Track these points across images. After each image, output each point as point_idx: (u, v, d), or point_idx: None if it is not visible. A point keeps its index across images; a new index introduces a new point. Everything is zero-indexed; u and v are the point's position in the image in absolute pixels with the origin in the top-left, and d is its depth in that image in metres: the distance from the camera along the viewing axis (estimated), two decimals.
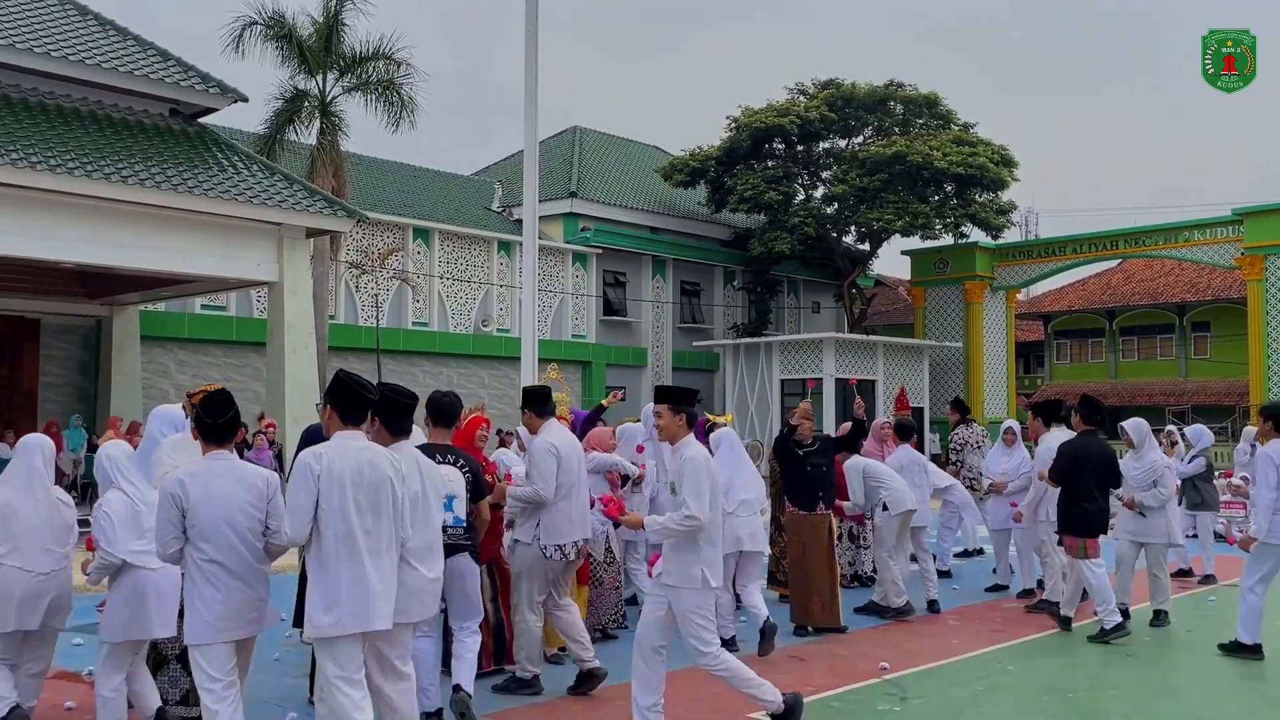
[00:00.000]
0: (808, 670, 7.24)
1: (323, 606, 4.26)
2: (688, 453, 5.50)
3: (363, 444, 4.45)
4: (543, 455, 6.37)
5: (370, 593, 4.27)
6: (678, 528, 5.34)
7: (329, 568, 4.28)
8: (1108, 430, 11.10)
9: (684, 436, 5.64)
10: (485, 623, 6.74)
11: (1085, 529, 8.43)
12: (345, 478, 4.29)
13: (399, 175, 30.68)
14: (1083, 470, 8.45)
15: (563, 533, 6.43)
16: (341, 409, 4.48)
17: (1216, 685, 7.10)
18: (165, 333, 22.42)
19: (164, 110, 17.22)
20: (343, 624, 4.25)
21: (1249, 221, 28.56)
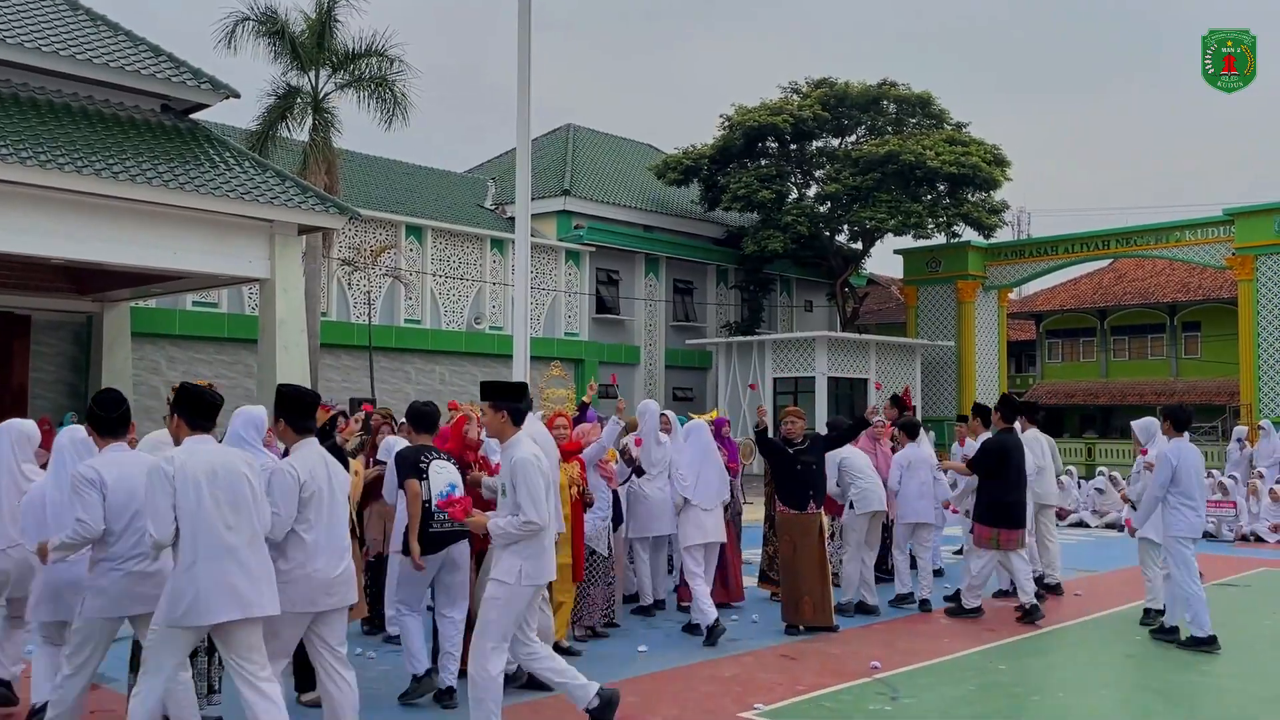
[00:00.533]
0: (798, 669, 7.23)
1: (190, 597, 4.46)
2: (517, 454, 5.27)
3: (214, 447, 4.71)
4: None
5: (239, 581, 4.51)
6: (517, 532, 5.23)
7: (194, 561, 4.48)
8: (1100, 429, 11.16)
9: (511, 435, 5.38)
10: None
11: (1003, 521, 8.93)
12: (200, 477, 4.52)
13: (392, 172, 30.62)
14: (1003, 465, 8.97)
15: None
16: (189, 417, 4.75)
17: (1208, 684, 7.11)
18: (157, 329, 22.36)
19: (155, 106, 17.14)
20: (211, 613, 4.46)
21: (1240, 222, 28.64)
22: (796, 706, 6.31)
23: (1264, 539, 15.25)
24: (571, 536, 7.23)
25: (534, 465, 5.27)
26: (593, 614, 8.11)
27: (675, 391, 33.31)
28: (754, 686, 6.73)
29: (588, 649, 7.68)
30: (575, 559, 7.28)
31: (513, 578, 5.29)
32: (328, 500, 4.95)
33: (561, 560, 7.16)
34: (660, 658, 7.50)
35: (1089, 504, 17.56)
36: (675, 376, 33.49)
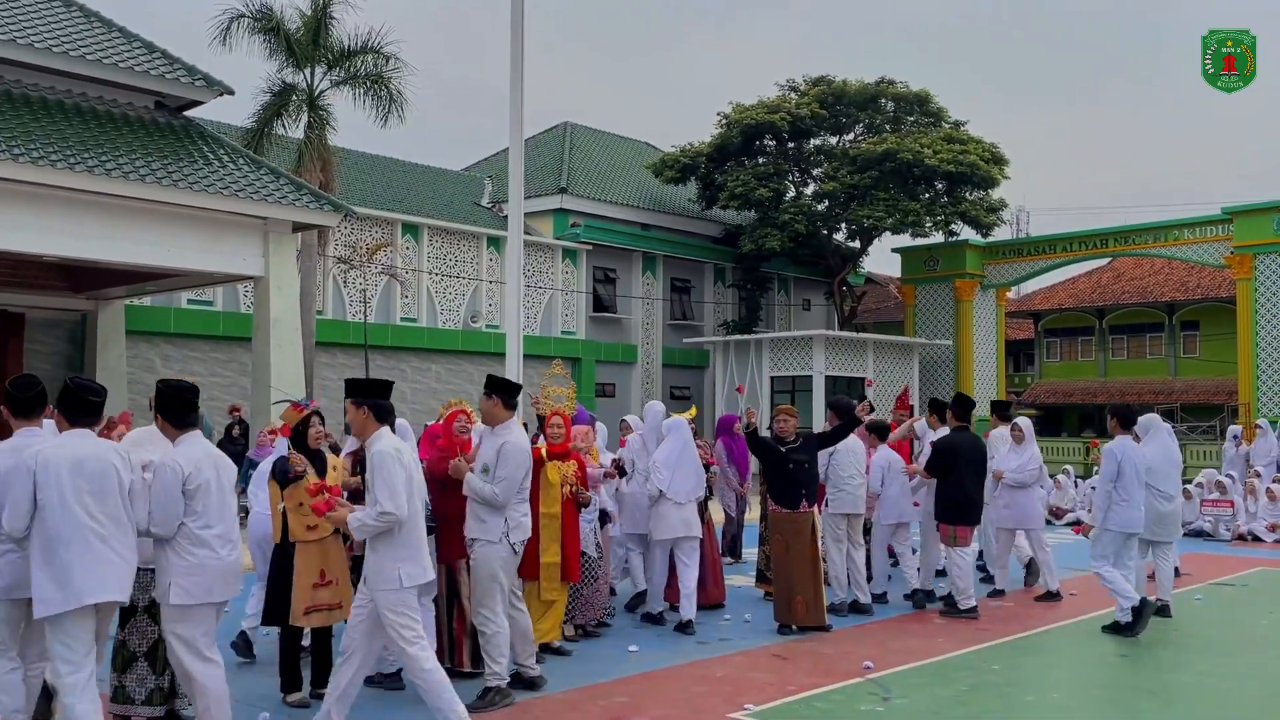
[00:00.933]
0: (790, 669, 7.18)
1: (53, 586, 4.58)
2: (376, 447, 5.36)
3: (86, 439, 4.85)
4: (516, 459, 6.26)
5: (102, 568, 4.66)
6: (374, 524, 5.25)
7: (58, 551, 4.62)
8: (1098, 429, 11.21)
9: (373, 431, 5.48)
10: (463, 619, 6.66)
11: (958, 518, 9.21)
12: (62, 469, 4.67)
13: (388, 170, 30.54)
14: (954, 464, 9.26)
15: (525, 528, 6.40)
16: (69, 413, 4.94)
17: (1203, 685, 7.06)
18: (151, 327, 22.27)
19: (149, 103, 17.07)
20: (79, 597, 4.59)
21: (1238, 221, 28.57)
22: (787, 707, 6.25)
23: (1261, 538, 15.20)
24: (563, 536, 7.17)
25: (393, 458, 5.31)
26: (584, 613, 8.05)
27: (673, 390, 33.24)
28: (745, 686, 6.68)
29: (579, 648, 7.63)
30: (568, 558, 7.21)
31: (395, 583, 5.31)
32: (215, 492, 5.06)
33: (550, 559, 7.12)
34: (651, 657, 7.45)
35: (1086, 503, 17.48)
36: (673, 375, 33.42)
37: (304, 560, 5.93)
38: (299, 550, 5.94)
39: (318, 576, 5.96)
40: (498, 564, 6.21)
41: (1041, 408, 40.28)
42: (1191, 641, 8.43)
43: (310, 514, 5.92)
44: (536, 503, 7.12)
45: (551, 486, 7.18)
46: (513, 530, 6.27)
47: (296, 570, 5.90)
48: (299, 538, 5.95)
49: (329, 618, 6.05)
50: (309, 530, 5.96)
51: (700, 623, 8.67)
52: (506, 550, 6.24)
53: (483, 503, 6.21)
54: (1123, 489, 8.48)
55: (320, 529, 5.99)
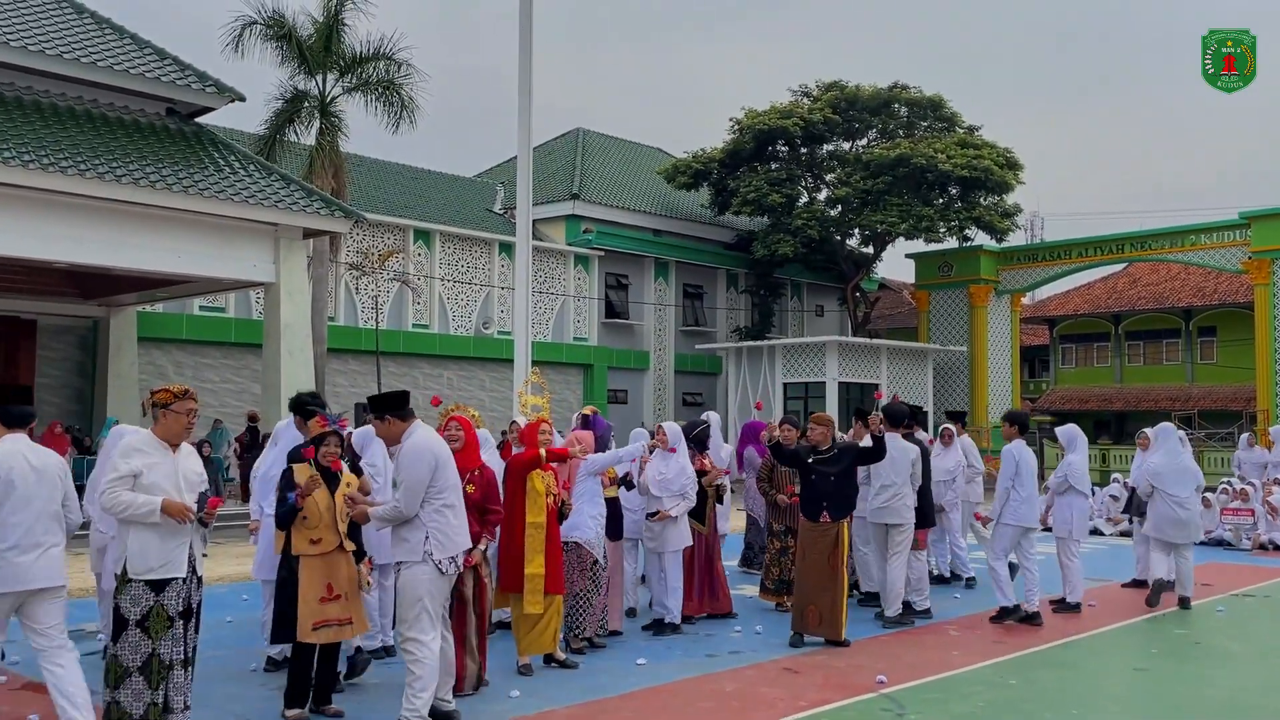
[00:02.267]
0: (801, 683, 7.03)
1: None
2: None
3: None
4: (414, 463, 5.68)
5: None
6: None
7: None
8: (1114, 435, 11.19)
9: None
10: None
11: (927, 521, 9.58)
12: None
13: (400, 176, 30.55)
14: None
15: (453, 543, 5.78)
16: None
17: (1225, 700, 6.88)
18: (163, 334, 22.30)
19: (160, 109, 17.10)
20: None
21: (1256, 225, 28.31)
22: None
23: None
24: (546, 547, 7.04)
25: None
26: (593, 624, 7.90)
27: (685, 397, 33.13)
28: (755, 701, 6.54)
29: (585, 661, 7.50)
30: (551, 570, 7.07)
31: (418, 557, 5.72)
32: (24, 491, 5.25)
33: (534, 570, 6.97)
34: (660, 670, 7.31)
35: (1103, 512, 17.28)
36: (685, 381, 33.32)
37: (308, 575, 5.82)
38: (303, 565, 5.83)
39: (324, 591, 5.84)
40: (423, 586, 5.69)
41: (1057, 414, 39.94)
42: (1213, 655, 8.24)
43: (314, 528, 5.82)
44: (522, 512, 7.00)
45: (538, 495, 7.04)
46: (435, 546, 5.69)
47: (301, 585, 5.79)
48: (302, 552, 5.84)
49: (338, 634, 5.92)
50: (312, 545, 5.85)
51: (710, 634, 8.54)
52: (431, 571, 5.70)
53: (396, 521, 5.76)
54: (1021, 487, 9.28)
55: (325, 543, 5.88)
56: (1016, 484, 9.31)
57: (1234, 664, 7.94)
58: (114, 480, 5.10)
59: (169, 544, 5.14)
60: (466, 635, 6.49)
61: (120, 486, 5.08)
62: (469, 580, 6.50)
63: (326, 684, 6.04)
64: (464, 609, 6.50)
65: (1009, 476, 9.34)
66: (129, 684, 5.00)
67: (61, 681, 5.17)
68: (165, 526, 5.09)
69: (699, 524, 9.15)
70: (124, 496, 5.06)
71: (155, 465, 5.16)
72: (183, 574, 5.18)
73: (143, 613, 5.06)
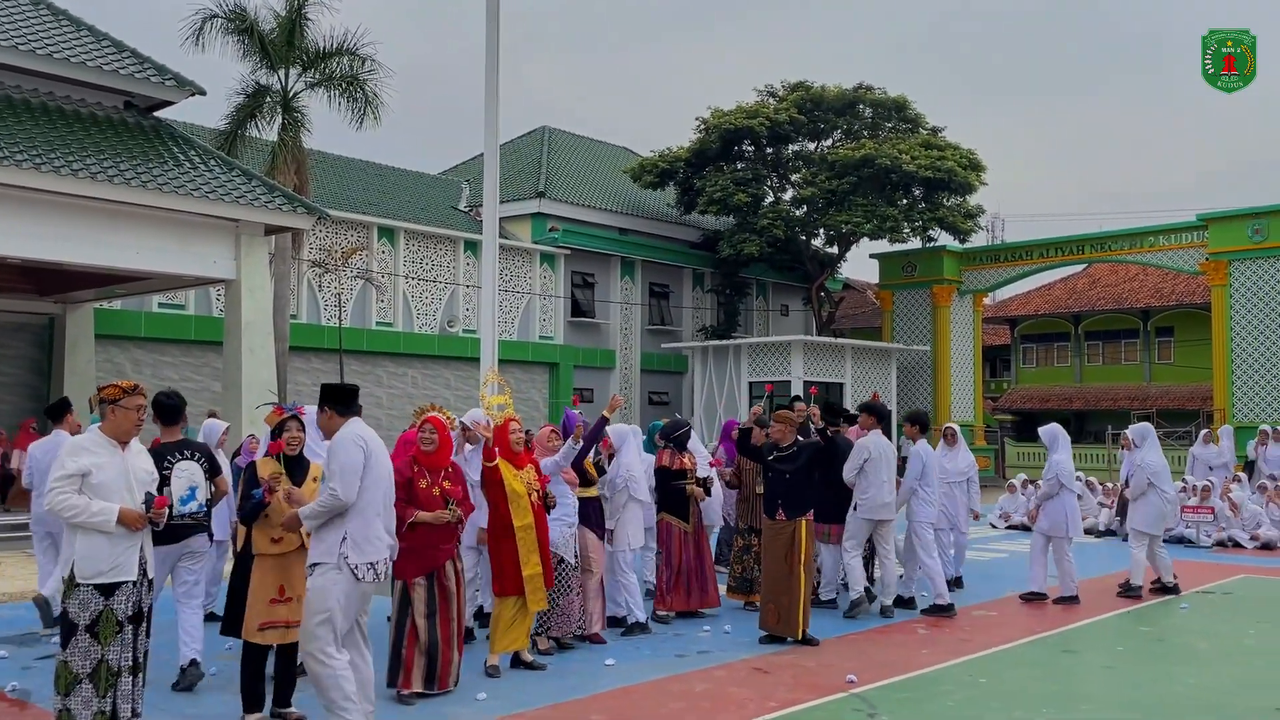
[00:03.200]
0: (771, 684, 6.99)
1: None
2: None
3: None
4: (346, 448, 5.32)
5: None
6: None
7: None
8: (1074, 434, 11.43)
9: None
10: (415, 638, 6.38)
11: (831, 517, 9.63)
12: None
13: (364, 173, 30.24)
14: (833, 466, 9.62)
15: (375, 547, 5.36)
16: None
17: (1192, 697, 6.93)
18: (121, 331, 21.91)
19: (118, 103, 16.76)
20: None
21: (1213, 227, 28.71)
22: None
23: (1242, 545, 15.15)
24: (538, 544, 6.97)
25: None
26: (563, 625, 7.82)
27: (651, 395, 33.08)
28: (725, 702, 6.49)
29: (553, 662, 7.42)
30: (544, 567, 7.02)
31: None
32: None
33: (532, 571, 6.91)
34: (629, 671, 7.25)
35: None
36: (651, 380, 33.27)
37: (261, 574, 5.70)
38: (257, 563, 5.71)
39: (276, 592, 5.72)
40: (334, 597, 5.24)
41: (1018, 413, 40.37)
42: (1179, 653, 8.31)
43: (275, 527, 5.70)
44: (507, 515, 6.92)
45: (520, 497, 6.97)
46: (352, 549, 5.26)
47: (253, 584, 5.67)
48: (261, 550, 5.72)
49: (285, 635, 5.80)
50: (273, 543, 5.73)
51: (679, 634, 8.51)
52: (346, 579, 5.26)
53: (335, 510, 5.29)
54: (926, 487, 9.77)
55: (285, 542, 5.76)
56: (922, 484, 9.79)
57: (1200, 662, 8.01)
58: (61, 479, 4.86)
59: (118, 547, 4.96)
60: (452, 631, 6.41)
61: (67, 487, 4.85)
62: (450, 573, 6.44)
63: (285, 686, 5.91)
64: (448, 603, 6.42)
65: (915, 477, 9.83)
66: (79, 691, 4.84)
67: None
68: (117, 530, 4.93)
69: (681, 522, 9.13)
70: (74, 500, 4.84)
71: (104, 465, 4.96)
72: (133, 577, 5.01)
73: (92, 617, 4.89)
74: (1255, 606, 10.44)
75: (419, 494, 6.29)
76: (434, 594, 6.42)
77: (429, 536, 6.32)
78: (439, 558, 6.41)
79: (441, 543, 6.39)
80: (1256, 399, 27.50)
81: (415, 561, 6.29)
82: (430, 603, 6.40)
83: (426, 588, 6.37)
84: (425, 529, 6.31)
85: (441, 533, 6.37)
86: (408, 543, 6.24)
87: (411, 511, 6.24)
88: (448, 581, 6.41)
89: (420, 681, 6.39)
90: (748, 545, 9.62)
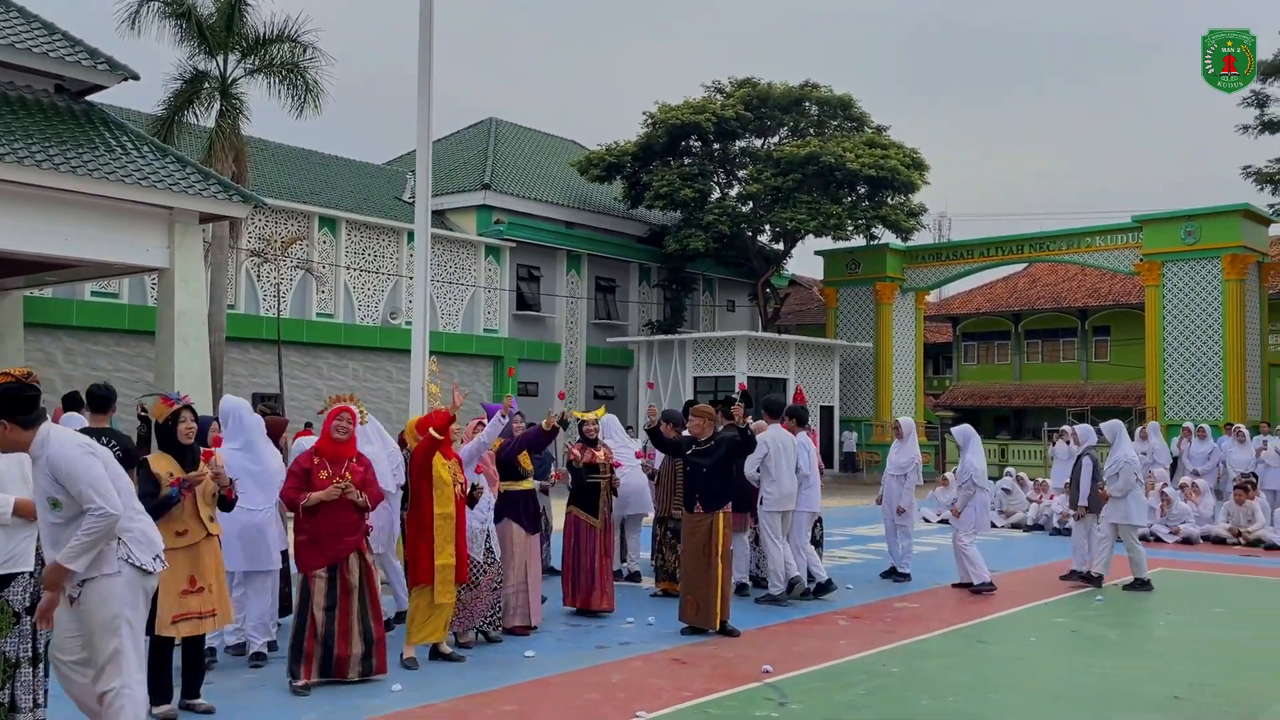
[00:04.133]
0: (688, 674, 7.07)
1: None
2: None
3: None
4: (79, 460, 4.48)
5: None
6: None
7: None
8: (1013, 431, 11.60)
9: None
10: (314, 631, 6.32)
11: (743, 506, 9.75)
12: None
13: (307, 162, 29.89)
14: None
15: (154, 540, 4.85)
16: None
17: (1101, 686, 7.10)
18: (52, 320, 21.49)
19: (48, 86, 16.41)
20: None
21: (1147, 229, 29.34)
22: (680, 714, 6.14)
23: (1163, 539, 15.53)
24: (455, 536, 6.98)
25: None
26: (464, 621, 7.69)
27: (596, 390, 33.11)
28: (641, 692, 6.55)
29: (473, 654, 7.43)
30: (459, 560, 7.02)
31: None
32: None
33: (444, 561, 6.91)
34: (548, 662, 7.29)
35: (996, 504, 17.74)
36: (596, 375, 33.29)
37: (171, 568, 5.63)
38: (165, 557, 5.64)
39: (187, 583, 5.67)
40: (119, 599, 4.60)
41: (959, 410, 40.99)
42: (1090, 644, 8.52)
43: (179, 519, 5.65)
44: (429, 503, 6.91)
45: (445, 485, 6.97)
46: (136, 548, 4.70)
47: (162, 577, 5.59)
48: (167, 545, 5.63)
49: (199, 626, 5.76)
50: (178, 536, 5.68)
51: (602, 626, 8.56)
52: (129, 575, 4.66)
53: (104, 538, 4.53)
54: (772, 470, 9.59)
55: (191, 534, 5.71)
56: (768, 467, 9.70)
57: (1109, 652, 8.21)
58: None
59: (14, 538, 4.90)
60: (352, 625, 6.37)
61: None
62: (354, 567, 6.39)
63: (194, 677, 5.87)
64: (348, 598, 6.37)
65: (754, 463, 9.72)
66: (18, 676, 4.79)
67: None
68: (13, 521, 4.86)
69: (590, 517, 9.08)
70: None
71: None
72: (30, 568, 4.96)
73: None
74: (1169, 599, 10.72)
75: (317, 485, 6.24)
76: (335, 587, 6.35)
77: (330, 527, 6.27)
78: (341, 550, 6.36)
79: (345, 534, 6.32)
80: (1186, 398, 28.17)
81: (316, 553, 6.24)
82: (330, 595, 6.34)
83: (328, 580, 6.31)
84: (326, 519, 6.26)
85: (344, 524, 6.31)
86: (308, 534, 6.21)
87: (304, 496, 6.20)
88: (350, 575, 6.35)
89: (316, 673, 6.35)
90: (664, 535, 9.82)
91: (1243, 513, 15.51)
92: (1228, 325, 27.71)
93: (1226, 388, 27.56)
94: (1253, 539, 15.13)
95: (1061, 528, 16.28)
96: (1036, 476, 20.45)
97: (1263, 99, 31.96)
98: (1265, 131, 32.40)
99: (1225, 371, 27.63)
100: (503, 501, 8.11)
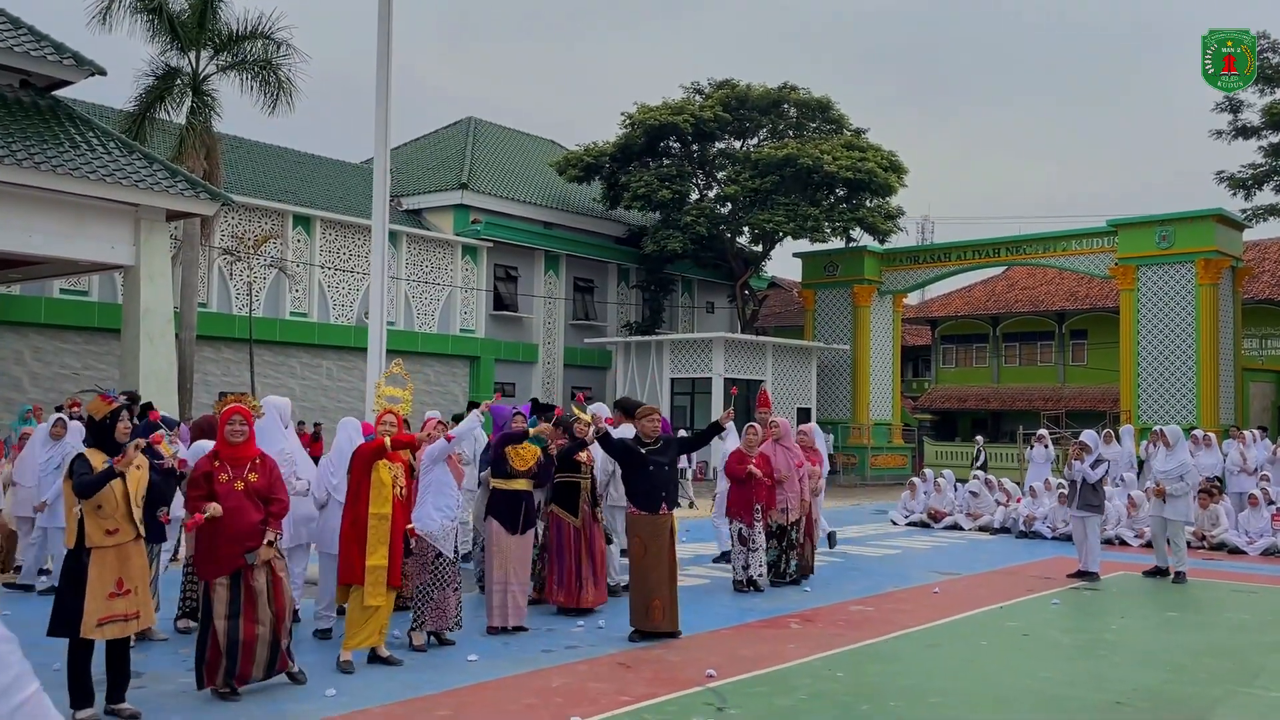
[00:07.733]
0: (630, 678, 7.03)
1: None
2: None
3: None
4: None
5: None
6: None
7: None
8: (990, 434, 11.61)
9: None
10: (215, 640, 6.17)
11: None
12: None
13: (281, 160, 29.75)
14: None
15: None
16: None
17: (1046, 691, 7.09)
18: (20, 318, 21.33)
19: (14, 81, 16.29)
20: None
21: (1122, 233, 29.46)
22: (619, 719, 6.10)
23: (1128, 543, 15.57)
24: (390, 538, 6.93)
25: None
26: (438, 620, 7.70)
27: (573, 390, 33.00)
28: (579, 697, 6.51)
29: (415, 658, 7.38)
30: (392, 563, 6.97)
31: None
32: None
33: (376, 562, 6.86)
34: (490, 667, 7.23)
35: (964, 506, 17.78)
36: (574, 375, 33.24)
37: (99, 568, 5.56)
38: (94, 557, 5.56)
39: (115, 585, 5.60)
40: None
41: (937, 413, 41.07)
42: (1040, 647, 8.51)
43: (109, 517, 5.58)
44: (366, 503, 6.88)
45: (383, 486, 6.93)
46: None
47: (90, 579, 5.52)
48: (96, 544, 5.58)
49: (125, 629, 5.68)
50: (108, 535, 5.61)
51: (551, 629, 8.51)
52: None
53: None
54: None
55: (121, 533, 5.64)
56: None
57: (1057, 656, 8.21)
58: None
59: None
60: (257, 632, 6.19)
61: None
62: (261, 574, 6.27)
63: (120, 681, 5.80)
64: (254, 604, 6.20)
65: None
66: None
67: None
68: None
69: (570, 515, 9.13)
70: None
71: None
72: None
73: None
74: (1123, 602, 10.74)
75: (219, 489, 6.12)
76: (238, 595, 6.20)
77: (228, 535, 6.11)
78: (242, 559, 6.22)
79: (246, 541, 6.16)
80: (1160, 401, 28.30)
81: (214, 562, 6.10)
82: (233, 604, 6.16)
83: (229, 588, 6.13)
84: (225, 528, 6.08)
85: (244, 532, 6.12)
86: (204, 543, 6.10)
87: (203, 506, 6.02)
88: (255, 582, 6.21)
89: (222, 682, 6.18)
90: None
91: (1207, 516, 15.56)
92: (1201, 329, 27.84)
93: (1200, 392, 27.69)
94: (1216, 543, 15.19)
95: (1028, 530, 16.33)
96: (1015, 480, 20.46)
97: (1236, 104, 32.14)
98: (1239, 137, 32.57)
99: (1199, 376, 27.76)
100: (491, 499, 8.29)
